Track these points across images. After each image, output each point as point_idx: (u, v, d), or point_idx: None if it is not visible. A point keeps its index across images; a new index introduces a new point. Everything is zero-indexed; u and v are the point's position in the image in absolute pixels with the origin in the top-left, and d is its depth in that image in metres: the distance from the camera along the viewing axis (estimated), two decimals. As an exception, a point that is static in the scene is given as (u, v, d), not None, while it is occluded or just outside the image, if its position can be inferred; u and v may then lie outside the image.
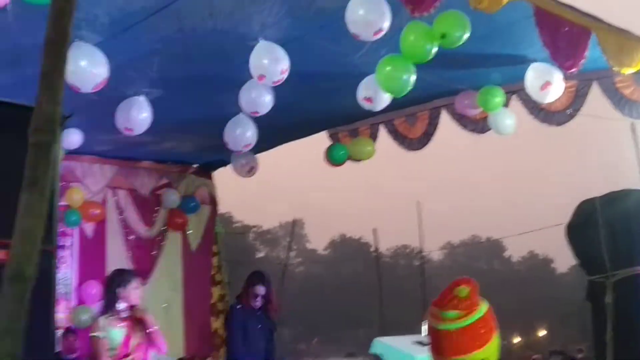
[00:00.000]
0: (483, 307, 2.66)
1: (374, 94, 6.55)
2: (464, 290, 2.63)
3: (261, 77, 5.90)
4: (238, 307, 7.10)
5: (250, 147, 7.72)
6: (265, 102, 6.50)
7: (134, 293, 6.21)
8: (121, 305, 6.13)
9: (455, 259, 56.51)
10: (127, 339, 6.07)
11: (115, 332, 6.05)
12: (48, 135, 1.57)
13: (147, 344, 6.20)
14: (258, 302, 7.03)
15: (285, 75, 5.98)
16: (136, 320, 6.16)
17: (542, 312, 46.24)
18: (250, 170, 9.11)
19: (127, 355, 6.05)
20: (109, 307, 6.14)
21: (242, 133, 7.44)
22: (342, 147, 8.99)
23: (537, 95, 6.91)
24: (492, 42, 6.37)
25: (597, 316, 5.23)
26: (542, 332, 47.09)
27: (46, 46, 1.62)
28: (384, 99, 6.61)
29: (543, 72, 6.70)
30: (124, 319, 6.13)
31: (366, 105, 6.79)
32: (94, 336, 6.04)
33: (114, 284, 6.22)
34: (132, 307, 6.19)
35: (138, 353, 6.13)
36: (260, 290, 7.07)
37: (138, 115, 6.78)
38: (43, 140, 1.56)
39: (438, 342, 2.64)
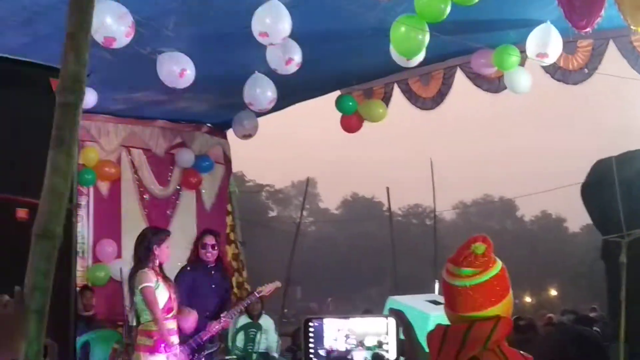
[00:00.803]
0: (498, 265, 2.67)
1: None
2: (480, 247, 2.63)
3: (263, 34, 5.86)
4: (187, 268, 7.03)
5: (272, 105, 7.72)
6: (295, 60, 6.51)
7: (166, 252, 6.15)
8: (157, 262, 6.09)
9: (467, 219, 56.39)
10: (170, 294, 6.05)
11: (162, 286, 6.02)
12: (75, 95, 1.58)
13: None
14: (210, 254, 6.89)
15: (286, 37, 5.95)
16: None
17: (554, 272, 46.27)
18: (246, 136, 9.17)
19: (171, 310, 6.03)
20: (144, 262, 6.06)
21: (262, 92, 7.47)
22: (351, 98, 8.98)
23: (535, 59, 6.98)
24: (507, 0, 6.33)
25: (611, 275, 5.24)
26: (553, 292, 47.19)
27: (71, 6, 1.62)
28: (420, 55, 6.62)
29: (541, 42, 6.71)
30: (157, 275, 6.08)
31: (406, 63, 6.79)
32: (148, 286, 5.91)
33: (150, 241, 6.12)
34: (160, 265, 6.16)
35: (176, 309, 6.12)
36: (209, 239, 6.97)
37: (182, 71, 6.77)
38: (70, 100, 1.57)
39: (453, 299, 2.65)
